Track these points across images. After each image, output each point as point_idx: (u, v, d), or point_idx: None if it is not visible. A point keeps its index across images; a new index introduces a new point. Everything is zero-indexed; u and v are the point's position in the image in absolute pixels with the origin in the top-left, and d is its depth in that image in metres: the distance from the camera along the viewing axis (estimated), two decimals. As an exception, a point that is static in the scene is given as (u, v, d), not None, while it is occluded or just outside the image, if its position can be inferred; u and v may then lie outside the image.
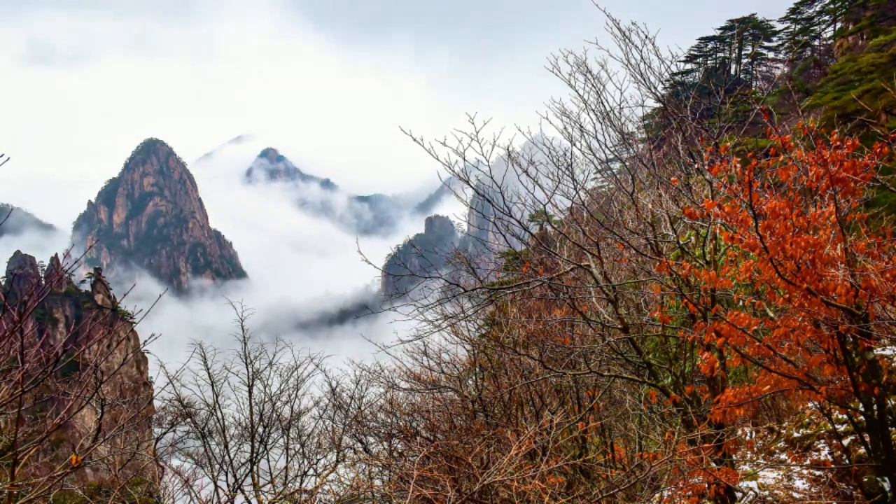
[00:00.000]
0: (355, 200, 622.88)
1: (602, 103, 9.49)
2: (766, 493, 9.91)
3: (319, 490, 11.83)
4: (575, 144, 9.62)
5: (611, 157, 9.87)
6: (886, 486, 7.99)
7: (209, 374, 13.63)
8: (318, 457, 14.31)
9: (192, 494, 10.36)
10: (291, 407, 14.64)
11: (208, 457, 12.97)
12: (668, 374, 9.86)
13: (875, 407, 7.50)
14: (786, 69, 68.13)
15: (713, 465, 8.34)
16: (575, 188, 9.44)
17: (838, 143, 6.97)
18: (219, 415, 13.52)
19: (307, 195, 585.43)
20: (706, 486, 8.23)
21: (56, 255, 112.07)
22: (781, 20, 68.74)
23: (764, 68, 75.50)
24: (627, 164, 9.99)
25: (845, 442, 10.02)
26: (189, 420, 14.26)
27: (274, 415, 14.27)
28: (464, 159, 8.38)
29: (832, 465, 9.76)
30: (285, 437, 14.15)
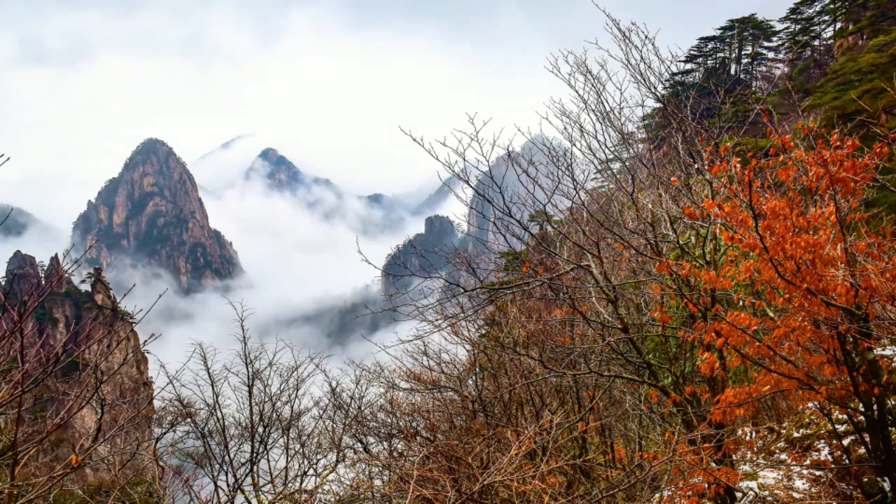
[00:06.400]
0: (355, 200, 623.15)
1: (602, 103, 9.49)
2: (766, 493, 9.91)
3: (319, 490, 11.83)
4: (575, 144, 9.62)
5: (611, 157, 9.87)
6: (886, 486, 7.98)
7: (209, 374, 13.62)
8: (318, 457, 14.30)
9: (192, 494, 10.35)
10: (291, 407, 14.64)
11: (208, 457, 12.96)
12: (668, 374, 9.85)
13: (875, 407, 7.50)
14: (786, 69, 68.12)
15: (713, 465, 8.34)
16: (575, 188, 9.43)
17: (838, 143, 6.97)
18: (219, 415, 13.51)
19: (307, 195, 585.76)
20: (706, 486, 8.23)
21: (56, 255, 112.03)
22: (781, 20, 68.78)
23: (764, 68, 75.51)
24: (627, 164, 9.99)
25: (845, 442, 10.02)
26: (189, 420, 14.25)
27: (274, 415, 14.26)
28: (464, 159, 8.38)
29: (832, 465, 9.76)
30: (285, 437, 14.14)
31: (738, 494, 9.67)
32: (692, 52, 73.86)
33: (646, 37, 9.06)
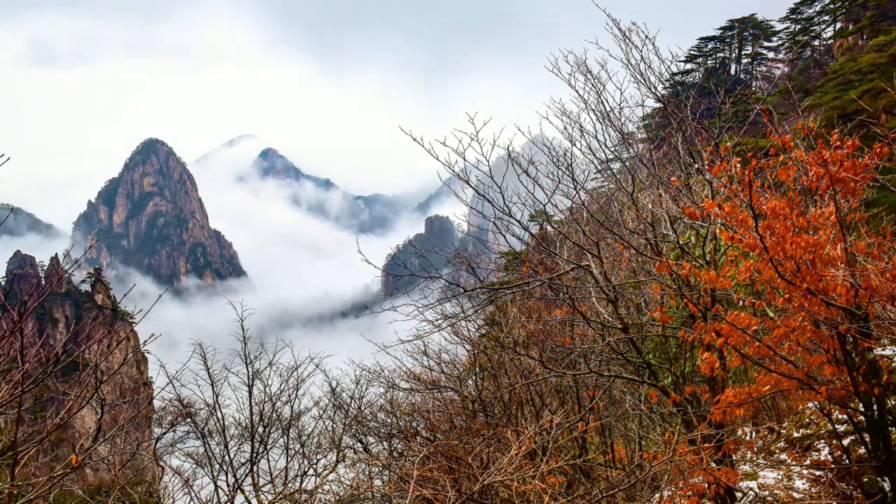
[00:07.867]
0: (355, 200, 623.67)
1: (602, 103, 9.49)
2: (766, 493, 9.91)
3: (319, 490, 11.83)
4: (575, 144, 9.62)
5: (611, 157, 9.87)
6: (886, 486, 7.99)
7: (209, 374, 13.62)
8: (318, 457, 14.30)
9: (192, 494, 10.35)
10: (291, 407, 14.64)
11: (208, 457, 12.96)
12: (668, 374, 9.85)
13: (875, 407, 7.50)
14: (786, 69, 68.12)
15: (713, 465, 8.34)
16: (575, 188, 9.43)
17: (838, 143, 6.97)
18: (219, 415, 13.50)
19: (307, 195, 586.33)
20: (706, 486, 8.23)
21: (56, 255, 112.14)
22: (781, 20, 68.81)
23: (764, 68, 75.52)
24: (627, 164, 9.99)
25: (845, 442, 10.02)
26: (189, 420, 14.25)
27: (274, 415, 14.26)
28: (464, 159, 8.38)
29: (832, 465, 9.76)
30: (285, 437, 14.15)
31: (738, 494, 9.67)
32: (692, 52, 73.89)
33: (646, 37, 9.07)
